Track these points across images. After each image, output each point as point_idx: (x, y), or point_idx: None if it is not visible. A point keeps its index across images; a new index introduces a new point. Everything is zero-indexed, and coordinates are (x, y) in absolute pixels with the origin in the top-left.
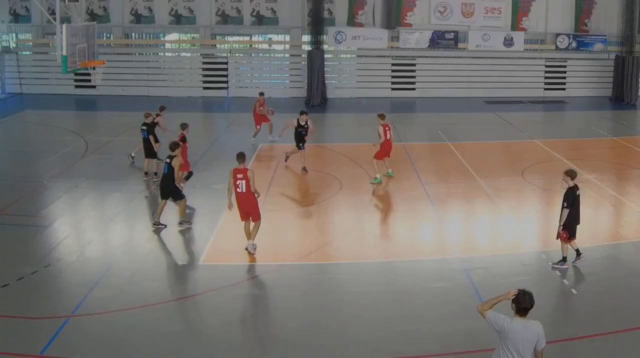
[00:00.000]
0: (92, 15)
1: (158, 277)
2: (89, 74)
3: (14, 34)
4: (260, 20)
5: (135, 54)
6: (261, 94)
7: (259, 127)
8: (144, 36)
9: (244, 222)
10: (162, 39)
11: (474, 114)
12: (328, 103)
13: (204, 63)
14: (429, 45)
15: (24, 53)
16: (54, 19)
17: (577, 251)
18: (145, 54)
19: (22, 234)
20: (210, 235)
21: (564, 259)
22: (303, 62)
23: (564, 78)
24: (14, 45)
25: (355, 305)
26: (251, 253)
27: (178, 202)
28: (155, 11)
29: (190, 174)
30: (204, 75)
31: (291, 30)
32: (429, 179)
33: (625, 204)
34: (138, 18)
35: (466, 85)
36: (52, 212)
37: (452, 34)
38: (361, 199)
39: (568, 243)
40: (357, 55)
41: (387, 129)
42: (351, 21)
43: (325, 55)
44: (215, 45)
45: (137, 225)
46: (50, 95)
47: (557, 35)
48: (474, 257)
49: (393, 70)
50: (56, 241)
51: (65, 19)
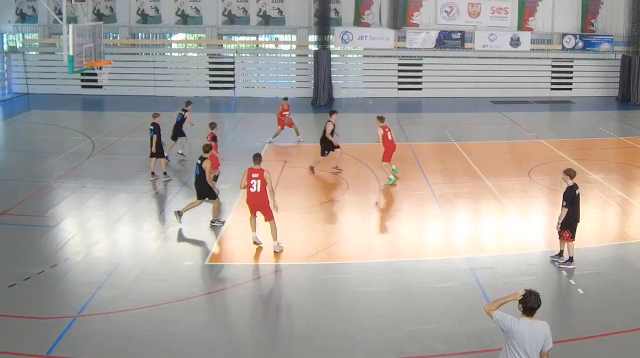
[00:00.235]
0: (99, 15)
1: (164, 277)
2: (95, 74)
3: (21, 34)
4: (266, 20)
5: (141, 54)
6: (285, 99)
7: (280, 128)
8: (150, 36)
9: (252, 217)
10: (169, 39)
11: (481, 114)
12: (334, 103)
13: (210, 63)
14: (436, 45)
15: (30, 53)
16: (61, 19)
17: (561, 252)
18: (152, 54)
19: (29, 234)
20: (217, 235)
21: (570, 259)
22: (309, 62)
23: (571, 78)
24: (21, 45)
25: (362, 305)
26: (277, 251)
27: (212, 201)
28: (162, 11)
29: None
30: (211, 75)
31: (298, 30)
32: (436, 179)
33: (632, 204)
34: (144, 18)
35: (473, 85)
36: (59, 212)
37: (459, 34)
38: (368, 199)
39: (567, 242)
40: (364, 55)
41: (388, 130)
42: (358, 21)
43: (332, 55)
44: (221, 45)
45: (144, 225)
46: (57, 95)
47: (564, 35)
48: (481, 257)
49: (399, 70)
50: (63, 241)
51: (72, 19)
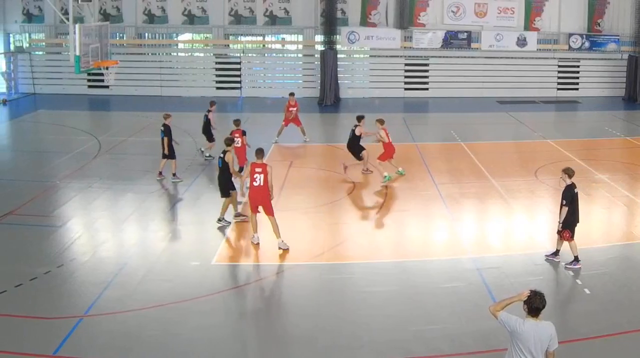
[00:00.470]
0: (105, 15)
1: (171, 277)
2: (102, 74)
3: (27, 34)
4: (273, 20)
5: (148, 54)
6: (291, 94)
7: (284, 124)
8: (157, 36)
9: (252, 215)
10: (175, 39)
11: (487, 114)
12: (341, 103)
13: (217, 63)
14: (442, 45)
15: (37, 53)
16: (67, 19)
17: (557, 251)
18: (158, 54)
19: (36, 234)
20: (223, 235)
21: (576, 259)
22: (316, 62)
23: (577, 78)
24: (27, 45)
25: (368, 304)
26: (284, 249)
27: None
28: (168, 11)
29: (241, 169)
30: (217, 75)
31: (304, 30)
32: (442, 179)
33: (638, 204)
34: (151, 18)
35: (479, 85)
36: (65, 212)
37: (465, 33)
38: (374, 199)
39: (566, 241)
40: (370, 55)
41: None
42: (364, 21)
43: (338, 55)
44: (228, 45)
45: (150, 225)
46: (63, 95)
47: (570, 35)
48: (487, 257)
49: (406, 70)
50: (69, 241)
51: (78, 19)
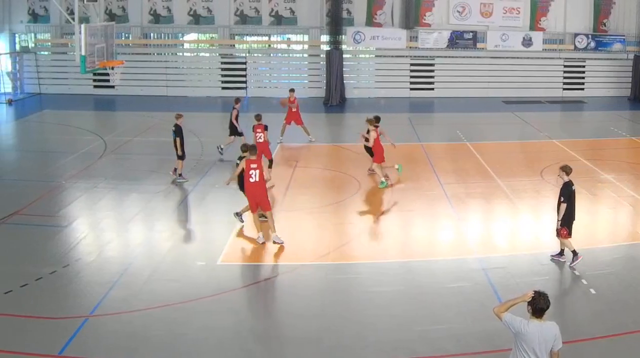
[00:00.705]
0: (111, 15)
1: (176, 277)
2: (107, 74)
3: (33, 34)
4: (278, 20)
5: (153, 54)
6: (291, 90)
7: (285, 122)
8: (162, 36)
9: (253, 215)
10: (181, 39)
11: (493, 114)
12: (346, 103)
13: (222, 63)
14: (448, 45)
15: (42, 53)
16: (73, 19)
17: (562, 251)
18: (164, 54)
19: (41, 234)
20: (229, 235)
21: (574, 253)
22: (322, 62)
23: (583, 78)
24: (33, 45)
25: (374, 304)
26: (279, 243)
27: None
28: (174, 11)
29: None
30: (223, 75)
31: (310, 30)
32: (448, 179)
33: None
34: (157, 18)
35: (485, 85)
36: (71, 212)
37: (471, 33)
38: (379, 199)
39: (568, 238)
40: (376, 55)
41: (381, 133)
42: (370, 21)
43: (344, 55)
44: (233, 45)
45: (156, 225)
46: (69, 95)
47: (576, 35)
48: (493, 257)
49: (412, 70)
50: (75, 241)
51: (84, 19)
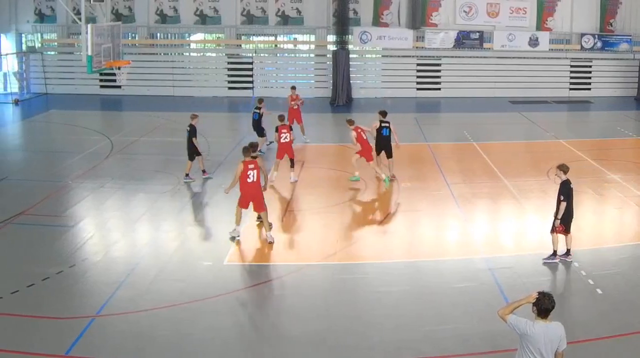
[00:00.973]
0: (118, 15)
1: (183, 277)
2: (114, 74)
3: (39, 34)
4: (285, 20)
5: (160, 54)
6: (292, 88)
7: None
8: (169, 36)
9: (237, 208)
10: (187, 39)
11: (499, 114)
12: (353, 103)
13: (229, 63)
14: (454, 45)
15: (49, 53)
16: (79, 19)
17: (568, 251)
18: (171, 54)
19: (47, 234)
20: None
21: (554, 253)
22: (328, 62)
23: (589, 78)
24: (39, 45)
25: (380, 304)
26: (270, 242)
27: None
28: (181, 11)
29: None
30: (229, 75)
31: (316, 30)
32: (454, 179)
33: None
34: (163, 18)
35: (491, 85)
36: (78, 212)
37: (478, 34)
38: (386, 199)
39: (565, 236)
40: (382, 55)
41: (361, 131)
42: (376, 21)
43: (351, 55)
44: (240, 45)
45: (162, 225)
46: (76, 95)
47: (582, 35)
48: (499, 257)
49: (418, 70)
50: (81, 241)
51: (91, 19)
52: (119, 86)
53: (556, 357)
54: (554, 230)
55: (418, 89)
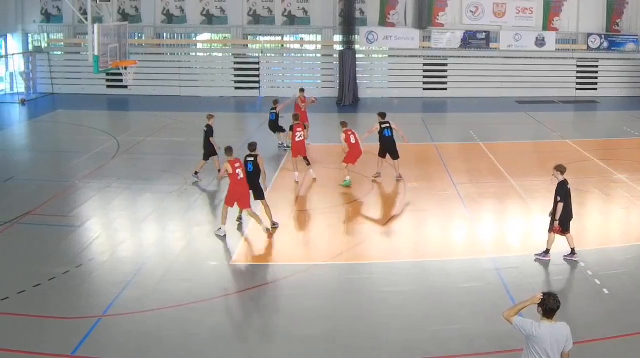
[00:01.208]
0: (124, 15)
1: (189, 277)
2: (120, 74)
3: (46, 34)
4: (291, 20)
5: (166, 54)
6: (301, 90)
7: None
8: (175, 36)
9: (224, 206)
10: (194, 39)
11: (506, 114)
12: (360, 103)
13: (235, 63)
14: (461, 45)
15: (55, 53)
16: (86, 19)
17: (573, 250)
18: (177, 54)
19: (54, 234)
20: (241, 235)
21: (547, 251)
22: (335, 62)
23: (596, 78)
24: (46, 45)
25: (387, 304)
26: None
27: (264, 201)
28: (187, 11)
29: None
30: (236, 75)
31: (323, 30)
32: (461, 179)
33: None
34: (170, 18)
35: (498, 85)
36: (84, 212)
37: (484, 34)
38: (392, 199)
39: (564, 236)
40: (389, 55)
41: (351, 133)
42: (383, 21)
43: (357, 55)
44: (246, 45)
45: (169, 225)
46: (82, 95)
47: (589, 35)
48: (506, 257)
49: (425, 70)
50: (88, 241)
51: (97, 19)
52: (126, 86)
53: (562, 357)
54: (551, 229)
55: (425, 89)
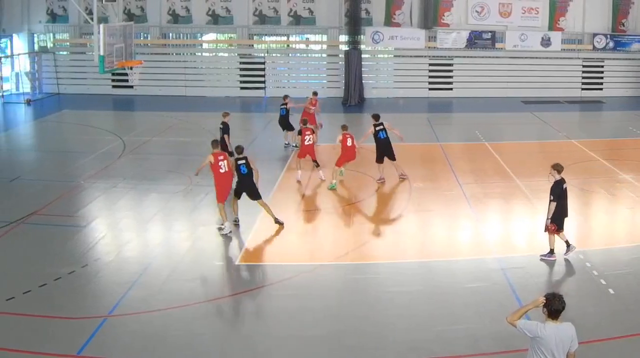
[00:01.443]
0: (130, 15)
1: (195, 277)
2: (126, 74)
3: (52, 34)
4: (297, 20)
5: (172, 54)
6: (315, 94)
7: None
8: (181, 36)
9: (219, 204)
10: (200, 39)
11: (511, 114)
12: (365, 103)
13: (241, 63)
14: (466, 45)
15: (61, 53)
16: (91, 19)
17: (567, 243)
18: (183, 54)
19: (60, 234)
20: (247, 235)
21: (551, 251)
22: (340, 62)
23: (601, 78)
24: (52, 45)
25: (393, 305)
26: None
27: (260, 201)
28: (193, 11)
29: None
30: (242, 75)
31: (328, 30)
32: (466, 179)
33: None
34: (175, 18)
35: (503, 85)
36: (90, 212)
37: (490, 33)
38: (398, 199)
39: (557, 235)
40: (395, 55)
41: (348, 136)
42: (388, 21)
43: (363, 55)
44: (252, 45)
45: (175, 225)
46: (88, 95)
47: (595, 35)
48: (512, 257)
49: (430, 70)
50: (94, 241)
51: (103, 19)
52: (131, 86)
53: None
54: (546, 229)
55: (430, 89)
